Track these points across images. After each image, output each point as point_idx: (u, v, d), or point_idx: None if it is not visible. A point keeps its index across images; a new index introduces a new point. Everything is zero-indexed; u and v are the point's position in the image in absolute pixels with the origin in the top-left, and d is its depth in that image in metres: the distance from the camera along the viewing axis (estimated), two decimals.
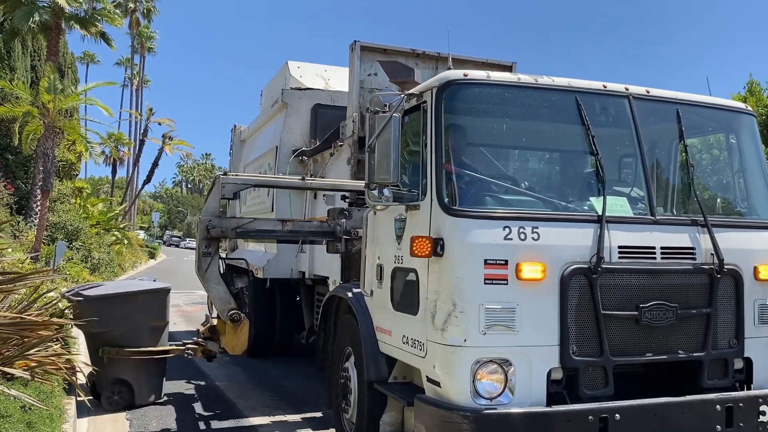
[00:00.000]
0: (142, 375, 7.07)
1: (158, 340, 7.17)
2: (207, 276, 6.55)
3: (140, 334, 7.01)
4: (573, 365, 4.25)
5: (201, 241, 6.53)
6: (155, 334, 7.16)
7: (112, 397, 6.99)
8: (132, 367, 7.00)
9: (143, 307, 7.08)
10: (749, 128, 5.48)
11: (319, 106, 8.98)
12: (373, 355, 5.09)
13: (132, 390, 7.04)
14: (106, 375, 6.96)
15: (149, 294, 7.17)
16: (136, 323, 6.98)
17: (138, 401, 7.07)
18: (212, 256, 6.48)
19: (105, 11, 24.65)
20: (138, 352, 6.93)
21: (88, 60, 64.49)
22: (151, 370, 7.16)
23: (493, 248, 4.20)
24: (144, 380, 7.11)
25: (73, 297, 6.99)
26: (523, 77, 4.77)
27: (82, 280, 15.98)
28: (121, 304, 6.98)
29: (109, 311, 6.86)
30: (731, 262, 4.68)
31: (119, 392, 7.00)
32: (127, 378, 7.00)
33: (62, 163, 25.73)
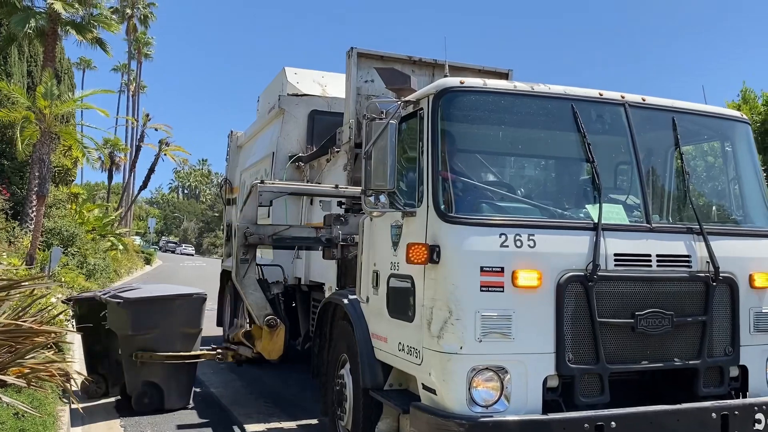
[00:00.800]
0: (172, 380, 7.11)
1: (191, 346, 7.19)
2: (245, 282, 6.62)
3: (174, 339, 7.06)
4: (569, 373, 4.24)
5: (239, 248, 6.60)
6: (188, 340, 7.21)
7: (142, 400, 7.03)
8: (163, 371, 7.05)
9: (179, 312, 7.12)
10: (744, 136, 5.51)
11: (316, 112, 8.99)
12: (369, 362, 5.08)
13: (162, 394, 7.07)
14: (138, 378, 7.02)
15: (185, 299, 7.19)
16: (171, 328, 7.03)
17: (167, 405, 7.10)
18: (249, 263, 6.57)
19: (101, 17, 24.67)
20: (171, 357, 6.96)
21: (85, 65, 64.54)
22: (182, 375, 7.20)
23: (489, 255, 4.20)
24: (174, 385, 7.15)
25: (111, 299, 7.01)
26: (519, 85, 4.78)
27: (77, 287, 15.91)
28: (158, 308, 7.02)
29: (146, 315, 6.90)
30: (727, 270, 4.69)
31: (150, 395, 7.03)
32: (158, 382, 7.04)
33: (58, 168, 25.68)
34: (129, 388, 7.16)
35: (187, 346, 7.14)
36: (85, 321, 7.56)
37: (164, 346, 6.96)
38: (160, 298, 7.09)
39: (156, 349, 6.93)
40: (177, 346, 7.04)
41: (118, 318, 6.92)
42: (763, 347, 4.86)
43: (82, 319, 7.63)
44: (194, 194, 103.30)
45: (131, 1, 51.17)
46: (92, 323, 7.51)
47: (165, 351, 6.95)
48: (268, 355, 6.88)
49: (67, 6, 22.33)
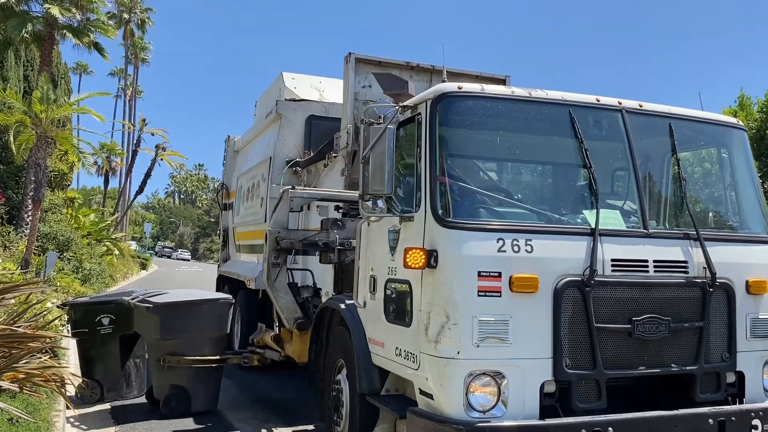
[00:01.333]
0: (199, 383, 7.13)
1: (217, 350, 7.22)
2: (275, 286, 6.66)
3: (201, 343, 7.10)
4: (566, 378, 4.24)
5: (270, 252, 6.62)
6: (215, 344, 7.24)
7: (170, 403, 7.04)
8: (190, 375, 7.07)
9: (206, 316, 7.15)
10: (740, 143, 5.53)
11: (314, 117, 9.00)
12: (366, 367, 5.06)
13: (189, 397, 7.08)
14: (165, 382, 7.04)
15: (213, 304, 7.22)
16: (199, 332, 7.06)
17: (194, 408, 7.12)
18: (280, 267, 6.60)
19: (98, 22, 24.66)
20: (198, 361, 6.98)
21: (81, 70, 64.46)
22: (209, 378, 7.22)
23: (486, 260, 4.20)
24: (201, 389, 7.17)
25: (140, 304, 7.02)
26: (516, 90, 4.79)
27: (72, 291, 15.84)
28: (186, 313, 7.05)
29: (174, 319, 6.94)
30: (723, 276, 4.70)
31: (177, 399, 7.04)
32: (185, 386, 7.05)
33: (54, 173, 25.61)
34: (156, 392, 7.20)
35: (214, 350, 7.18)
36: (80, 326, 7.54)
37: (191, 350, 6.99)
38: (188, 302, 7.13)
39: (183, 353, 6.96)
40: (204, 350, 7.08)
41: (147, 322, 6.97)
42: (759, 353, 4.87)
43: (77, 324, 7.61)
44: (190, 199, 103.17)
45: (128, 7, 51.19)
46: (87, 328, 7.49)
47: (192, 355, 6.97)
48: (298, 357, 6.89)
49: (64, 11, 22.32)
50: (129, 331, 7.56)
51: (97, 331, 7.50)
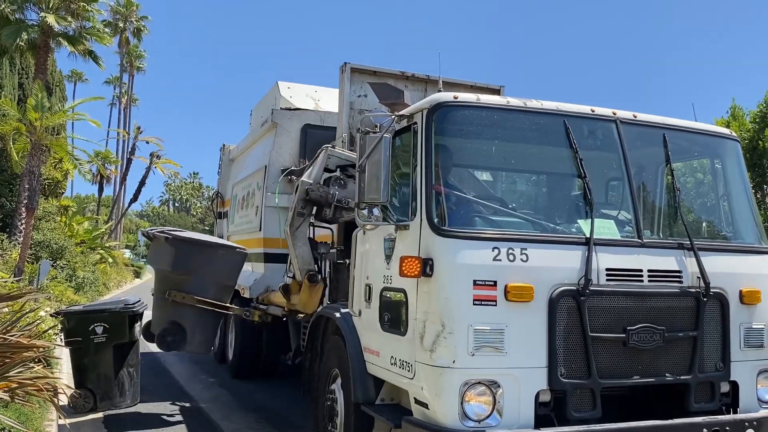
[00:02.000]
0: (198, 325, 7.13)
1: (223, 298, 7.19)
2: (296, 234, 6.65)
3: (209, 286, 7.06)
4: (561, 387, 4.24)
5: (298, 201, 6.62)
6: (222, 291, 7.22)
7: (166, 338, 7.04)
8: (192, 315, 7.04)
9: (220, 262, 7.15)
10: (734, 153, 5.57)
11: (309, 126, 9.01)
12: (361, 377, 5.05)
13: (185, 337, 7.04)
14: (166, 317, 7.02)
15: (229, 251, 7.22)
16: (209, 275, 7.03)
17: (188, 348, 7.15)
18: (305, 218, 6.59)
19: (94, 30, 24.66)
20: (202, 302, 6.95)
21: (76, 78, 64.43)
22: (208, 323, 7.23)
23: (482, 269, 4.21)
24: (198, 331, 7.16)
25: (160, 234, 7.00)
26: (512, 100, 4.82)
27: (65, 300, 15.77)
28: (201, 253, 7.02)
29: (189, 256, 6.92)
30: (717, 286, 4.72)
31: (173, 335, 7.02)
32: (184, 324, 7.04)
33: (48, 181, 25.54)
34: (154, 326, 7.17)
35: (220, 297, 7.13)
36: (74, 335, 7.50)
37: (198, 291, 6.98)
38: (206, 243, 7.18)
39: (190, 291, 6.92)
40: (210, 294, 7.03)
41: (162, 254, 6.94)
42: (753, 363, 4.89)
43: (71, 332, 7.57)
44: (185, 207, 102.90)
45: (124, 15, 51.20)
46: (81, 337, 7.45)
47: (198, 295, 6.92)
48: (303, 307, 6.87)
49: (60, 19, 22.33)
50: (123, 339, 7.52)
51: (91, 340, 7.45)
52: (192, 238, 7.04)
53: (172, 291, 6.90)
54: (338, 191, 6.33)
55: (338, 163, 6.83)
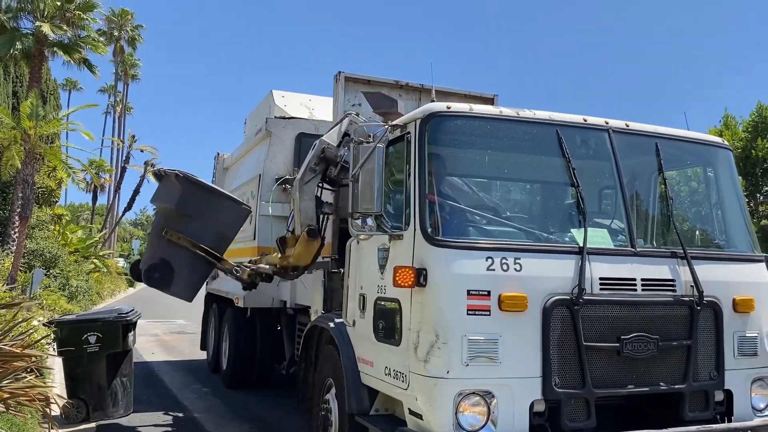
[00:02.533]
0: (186, 269, 7.03)
1: (218, 249, 7.14)
2: (304, 188, 6.64)
3: (207, 234, 6.99)
4: (555, 397, 4.24)
5: (313, 157, 6.61)
6: (219, 243, 7.14)
7: (153, 274, 6.95)
8: (184, 257, 6.95)
9: (224, 213, 7.10)
10: (726, 162, 5.60)
11: (303, 135, 9.00)
12: (355, 387, 5.04)
13: (172, 278, 6.96)
14: (158, 254, 6.96)
15: (234, 204, 7.23)
16: (210, 223, 6.99)
17: (172, 290, 7.03)
18: (316, 175, 6.62)
19: (89, 39, 24.64)
20: (197, 246, 6.92)
21: (71, 87, 64.29)
22: (197, 270, 7.13)
23: (475, 279, 4.21)
24: (186, 274, 7.06)
25: (171, 170, 7.02)
26: (505, 110, 4.84)
27: (59, 309, 15.69)
28: (207, 198, 7.00)
29: (195, 198, 6.88)
30: (711, 295, 4.73)
31: (161, 272, 6.95)
32: (174, 265, 6.93)
33: (42, 189, 25.45)
34: (144, 262, 7.10)
35: (216, 247, 7.08)
36: (67, 344, 7.46)
37: (196, 236, 6.89)
38: (214, 190, 7.18)
39: (188, 234, 6.86)
40: (206, 242, 6.97)
41: (168, 191, 6.90)
42: (747, 371, 4.89)
43: (64, 342, 7.53)
44: None
45: (119, 24, 51.26)
46: (73, 346, 7.41)
47: (195, 240, 6.90)
48: (296, 260, 6.82)
49: (55, 28, 22.30)
50: (116, 349, 7.48)
51: (84, 349, 7.41)
52: (202, 182, 7.07)
53: (170, 230, 6.82)
54: (347, 153, 6.33)
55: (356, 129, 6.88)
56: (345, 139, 6.36)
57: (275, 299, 8.70)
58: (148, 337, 15.51)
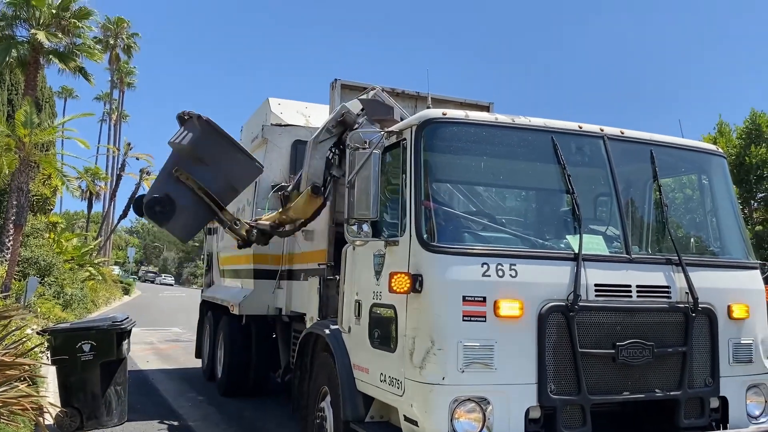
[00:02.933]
0: (189, 210, 7.01)
1: (223, 198, 7.15)
2: (317, 147, 6.72)
3: (216, 181, 7.00)
4: (551, 404, 4.23)
5: (332, 119, 6.69)
6: (225, 192, 7.16)
7: (155, 207, 6.92)
8: (188, 198, 6.93)
9: (237, 166, 7.12)
10: (720, 170, 5.62)
11: (299, 142, 9.00)
12: (350, 394, 5.02)
13: (173, 214, 6.91)
14: (163, 189, 6.94)
15: (247, 160, 7.25)
16: (222, 170, 7.01)
17: (169, 225, 7.00)
18: (331, 137, 6.70)
19: (84, 46, 24.65)
20: (202, 190, 6.92)
21: (67, 94, 64.31)
22: (199, 213, 7.13)
23: (471, 285, 4.21)
24: (186, 215, 7.02)
25: (195, 112, 7.04)
26: (500, 117, 4.85)
27: (53, 317, 15.61)
28: (224, 146, 7.01)
29: (212, 143, 6.92)
30: (705, 301, 4.74)
31: (162, 207, 6.93)
32: (177, 203, 6.90)
33: (37, 197, 25.38)
34: (147, 194, 7.08)
35: (221, 196, 7.08)
36: (61, 353, 7.41)
37: (205, 181, 6.90)
38: (232, 141, 7.16)
39: (197, 177, 6.86)
40: (213, 188, 6.97)
41: (188, 131, 6.92)
42: (742, 378, 4.90)
43: (58, 350, 7.49)
44: None
45: (114, 32, 51.29)
46: (67, 355, 7.37)
47: (203, 184, 6.90)
48: (295, 213, 6.89)
49: (51, 36, 22.32)
50: (110, 357, 7.45)
51: (78, 357, 7.37)
52: (223, 130, 7.10)
53: (181, 169, 6.83)
54: (365, 122, 6.37)
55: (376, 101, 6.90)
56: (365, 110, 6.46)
57: (270, 306, 8.68)
58: (143, 345, 15.44)
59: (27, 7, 22.18)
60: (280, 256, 8.44)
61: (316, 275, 6.70)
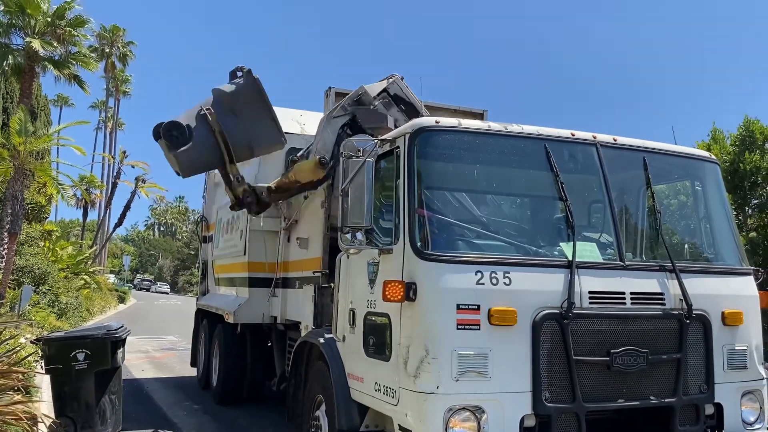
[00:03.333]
0: (202, 147, 7.03)
1: (238, 154, 7.22)
2: (331, 122, 6.79)
3: (238, 135, 7.11)
4: (546, 412, 4.22)
5: (349, 98, 6.77)
6: (242, 148, 7.24)
7: (173, 131, 6.92)
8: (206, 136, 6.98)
9: (264, 128, 7.20)
10: (713, 176, 5.63)
11: (294, 150, 9.01)
12: (345, 403, 5.01)
13: (185, 144, 6.91)
14: (186, 120, 6.95)
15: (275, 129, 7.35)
16: (247, 128, 7.12)
17: (176, 152, 6.98)
18: (345, 114, 6.78)
19: (80, 55, 24.63)
20: (223, 137, 7.00)
21: (62, 102, 64.23)
22: (210, 154, 7.17)
23: (465, 293, 4.21)
24: (199, 151, 7.03)
25: (246, 68, 7.15)
26: (493, 125, 4.86)
27: (48, 326, 15.54)
28: (259, 107, 7.12)
29: (249, 99, 7.05)
30: (699, 308, 4.74)
31: (181, 134, 6.94)
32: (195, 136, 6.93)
33: (32, 205, 25.30)
34: (170, 120, 7.07)
35: (237, 151, 7.14)
36: (55, 361, 7.38)
37: (229, 129, 6.98)
38: (269, 107, 7.23)
39: (222, 123, 6.94)
40: (232, 140, 7.03)
41: (233, 82, 7.06)
42: (737, 384, 4.90)
43: (51, 359, 7.45)
44: (170, 231, 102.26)
45: (110, 40, 51.32)
46: (61, 364, 7.33)
47: (225, 131, 6.97)
48: (296, 174, 7.01)
49: (46, 44, 22.30)
50: (105, 366, 7.41)
51: (72, 366, 7.32)
52: (264, 92, 7.22)
53: (212, 110, 6.90)
54: (382, 108, 6.55)
55: (397, 92, 7.06)
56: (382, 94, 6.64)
57: (266, 315, 8.66)
58: (138, 353, 15.38)
59: (22, 15, 22.17)
60: (275, 264, 8.42)
61: (311, 283, 6.69)
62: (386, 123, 6.17)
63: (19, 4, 21.67)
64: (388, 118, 6.09)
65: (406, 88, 6.98)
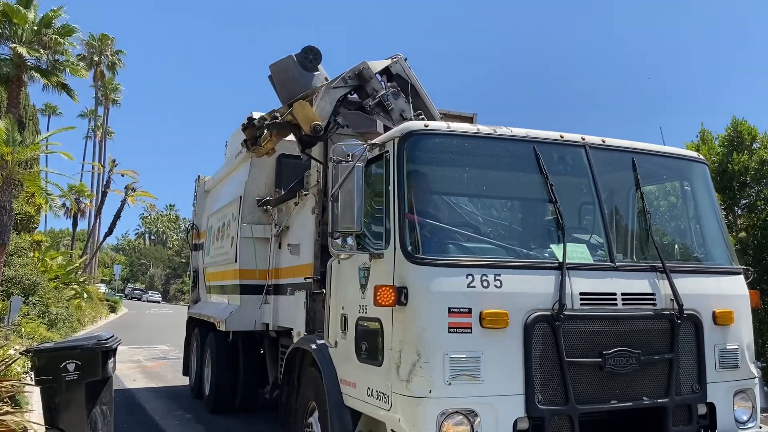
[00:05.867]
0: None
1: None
2: (330, 92, 6.86)
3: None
4: (539, 414, 4.22)
5: (351, 71, 6.81)
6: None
7: (309, 54, 7.08)
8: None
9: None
10: (702, 176, 5.66)
11: (284, 156, 8.98)
12: (338, 409, 4.98)
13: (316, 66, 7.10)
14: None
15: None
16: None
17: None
18: (345, 86, 6.91)
19: (68, 63, 24.57)
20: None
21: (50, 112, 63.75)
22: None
23: (456, 296, 4.20)
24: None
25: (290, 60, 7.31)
26: (482, 128, 4.87)
27: (38, 337, 15.40)
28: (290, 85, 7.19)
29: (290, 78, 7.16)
30: (690, 308, 4.75)
31: (315, 56, 7.09)
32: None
33: (20, 216, 25.12)
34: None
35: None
36: (45, 373, 7.30)
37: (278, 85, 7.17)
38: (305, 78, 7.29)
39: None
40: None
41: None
42: (729, 384, 4.91)
43: (41, 370, 7.37)
44: (161, 240, 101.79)
45: (99, 49, 51.14)
46: (51, 375, 7.26)
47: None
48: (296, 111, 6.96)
49: (32, 51, 22.22)
50: (95, 377, 7.34)
51: (62, 377, 7.24)
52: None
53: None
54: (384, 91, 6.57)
55: (399, 72, 7.12)
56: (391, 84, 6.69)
57: (257, 322, 8.62)
58: (130, 363, 15.28)
59: (9, 24, 22.10)
60: (267, 271, 8.39)
61: (303, 289, 6.67)
62: (375, 127, 6.16)
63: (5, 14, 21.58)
64: (378, 122, 6.08)
65: (409, 69, 7.01)
